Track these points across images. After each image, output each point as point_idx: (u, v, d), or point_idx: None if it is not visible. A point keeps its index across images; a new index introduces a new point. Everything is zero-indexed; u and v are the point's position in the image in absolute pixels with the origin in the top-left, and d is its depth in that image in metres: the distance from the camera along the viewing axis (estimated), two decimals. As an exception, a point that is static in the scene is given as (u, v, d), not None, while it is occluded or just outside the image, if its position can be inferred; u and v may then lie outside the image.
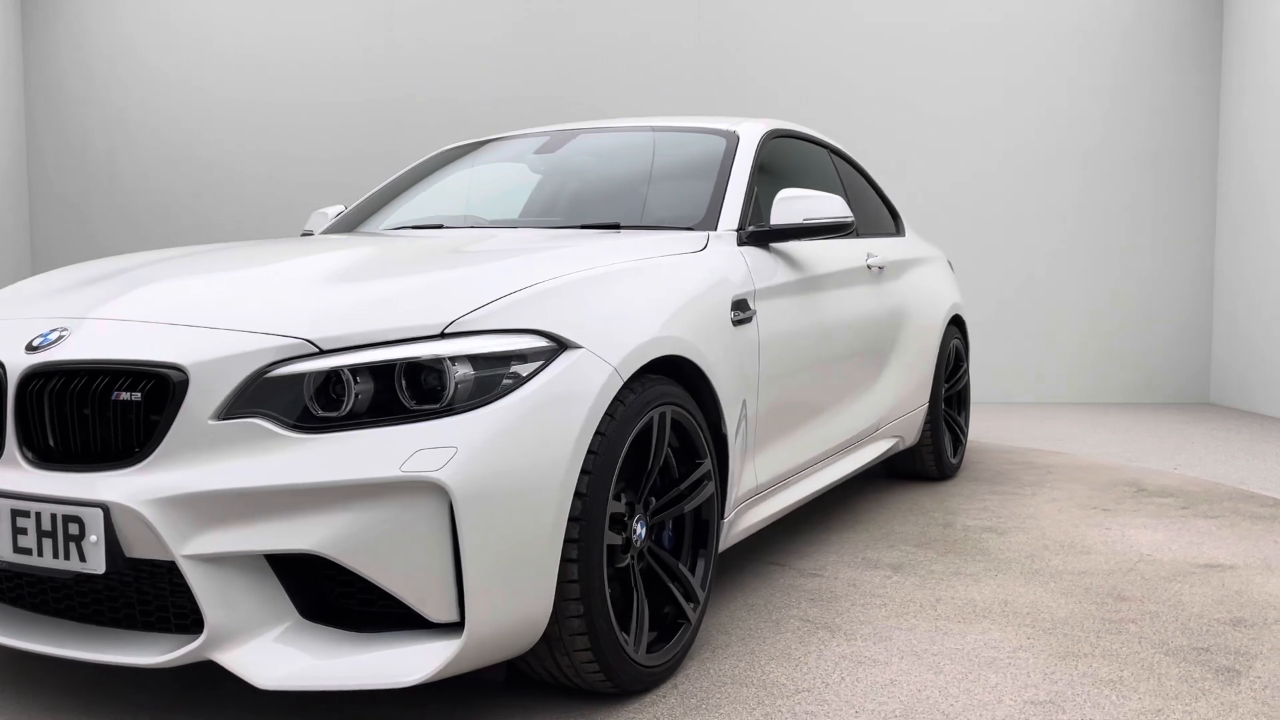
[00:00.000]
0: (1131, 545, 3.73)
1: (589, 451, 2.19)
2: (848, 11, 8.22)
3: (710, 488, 2.66)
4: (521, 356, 2.13)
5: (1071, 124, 8.16)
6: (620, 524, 2.38)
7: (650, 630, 2.51)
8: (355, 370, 2.03)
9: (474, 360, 2.08)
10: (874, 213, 4.70)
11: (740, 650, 2.69)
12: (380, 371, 2.04)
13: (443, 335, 2.09)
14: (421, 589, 1.99)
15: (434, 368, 2.05)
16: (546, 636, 2.20)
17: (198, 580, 1.97)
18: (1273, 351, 7.38)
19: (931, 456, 4.79)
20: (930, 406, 4.69)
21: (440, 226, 3.49)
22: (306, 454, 1.98)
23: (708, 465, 2.64)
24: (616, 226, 3.20)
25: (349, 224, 3.80)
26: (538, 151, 3.88)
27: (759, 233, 3.25)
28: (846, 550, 3.66)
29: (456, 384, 2.05)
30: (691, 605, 2.59)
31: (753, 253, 3.17)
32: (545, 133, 4.00)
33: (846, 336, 3.72)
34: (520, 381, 2.11)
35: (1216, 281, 8.24)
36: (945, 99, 8.21)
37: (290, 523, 1.97)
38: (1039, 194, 8.21)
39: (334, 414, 2.02)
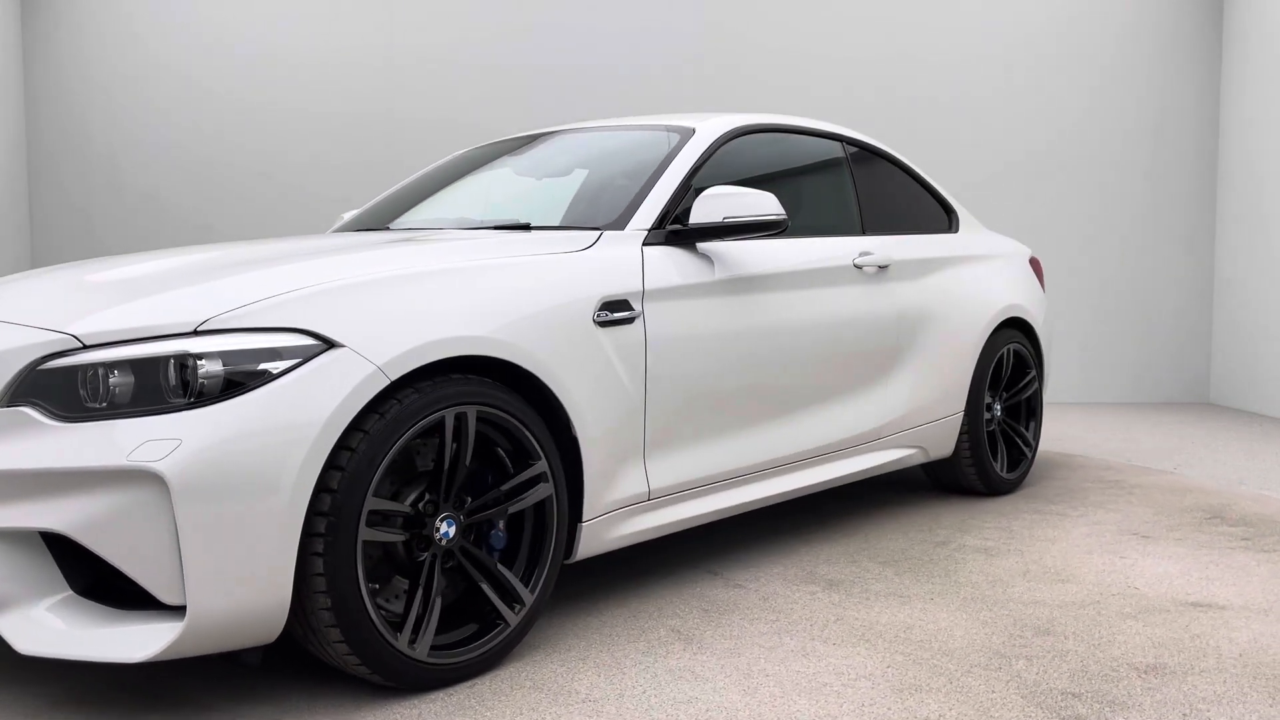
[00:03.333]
0: (1126, 577, 3.34)
1: (344, 448, 2.24)
2: (848, 10, 8.06)
3: (545, 490, 2.63)
4: (276, 354, 2.21)
5: (1070, 123, 8.08)
6: (418, 521, 2.42)
7: (472, 626, 2.54)
8: (112, 364, 2.18)
9: (225, 356, 2.18)
10: (907, 209, 4.43)
11: (575, 656, 2.65)
12: (137, 366, 2.18)
13: (195, 333, 2.20)
14: (152, 572, 2.11)
15: (184, 363, 2.17)
16: (309, 627, 2.27)
17: (-26, 552, 2.17)
18: (1273, 351, 7.36)
19: (973, 470, 4.46)
20: (968, 416, 4.37)
21: (387, 228, 3.63)
22: (63, 441, 2.14)
23: (541, 467, 2.62)
24: (527, 227, 3.21)
25: (348, 227, 4.00)
26: (512, 154, 3.94)
27: (681, 232, 3.17)
28: (799, 562, 3.49)
29: (202, 379, 2.16)
30: (516, 607, 2.58)
31: (662, 252, 3.09)
32: (531, 135, 4.06)
33: (811, 339, 3.54)
34: (270, 378, 2.19)
35: (1216, 281, 8.03)
36: (941, 99, 8.05)
37: (46, 503, 2.13)
38: (1038, 193, 8.04)
39: (96, 405, 2.18)
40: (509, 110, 7.72)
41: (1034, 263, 5.16)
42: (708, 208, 3.14)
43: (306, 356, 2.23)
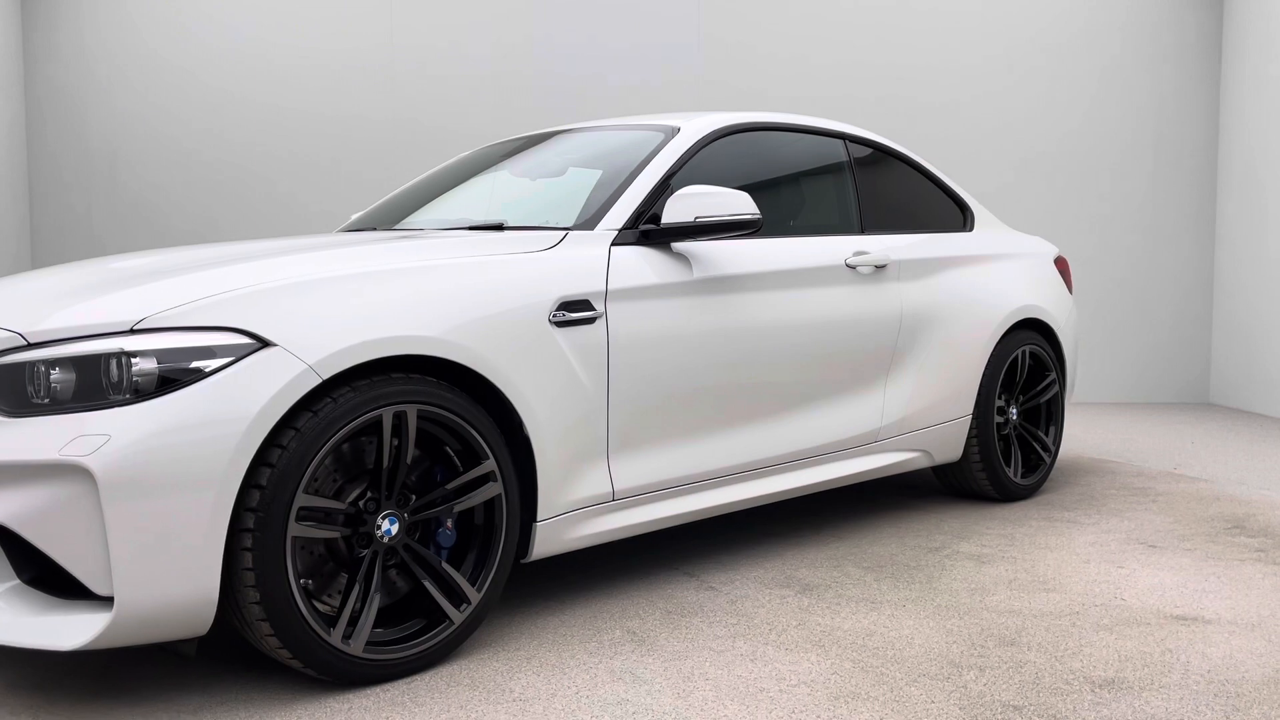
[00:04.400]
0: (1116, 588, 3.23)
1: (276, 445, 2.28)
2: (849, 16, 8.06)
3: (494, 489, 2.64)
4: (210, 352, 2.26)
5: (1070, 125, 8.09)
6: (360, 519, 2.46)
7: (418, 622, 2.57)
8: (54, 361, 2.25)
9: (159, 354, 2.23)
10: (916, 207, 4.35)
11: (522, 655, 2.65)
12: (77, 363, 2.24)
13: (131, 331, 2.26)
14: (85, 563, 2.17)
15: (119, 361, 2.23)
16: (243, 620, 2.31)
17: (-75, 541, 2.26)
18: (1273, 351, 7.39)
19: (984, 475, 4.34)
20: (977, 419, 4.27)
21: (375, 229, 3.68)
22: (8, 435, 2.21)
23: (489, 466, 2.63)
24: (500, 227, 3.23)
25: (349, 229, 4.07)
26: (510, 155, 3.97)
27: (654, 232, 3.15)
28: (781, 566, 3.45)
29: (135, 376, 2.21)
30: (463, 606, 2.60)
31: (634, 252, 3.09)
32: (530, 137, 4.08)
33: (794, 340, 3.49)
34: (202, 376, 2.24)
35: (1216, 281, 8.06)
36: (941, 97, 8.03)
37: (-10, 495, 2.21)
38: (1038, 194, 8.00)
39: (40, 401, 2.25)
40: (510, 113, 7.64)
41: (1060, 262, 5.01)
42: (680, 207, 3.12)
43: (239, 355, 2.27)
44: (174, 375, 2.23)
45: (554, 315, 2.81)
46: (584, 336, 2.88)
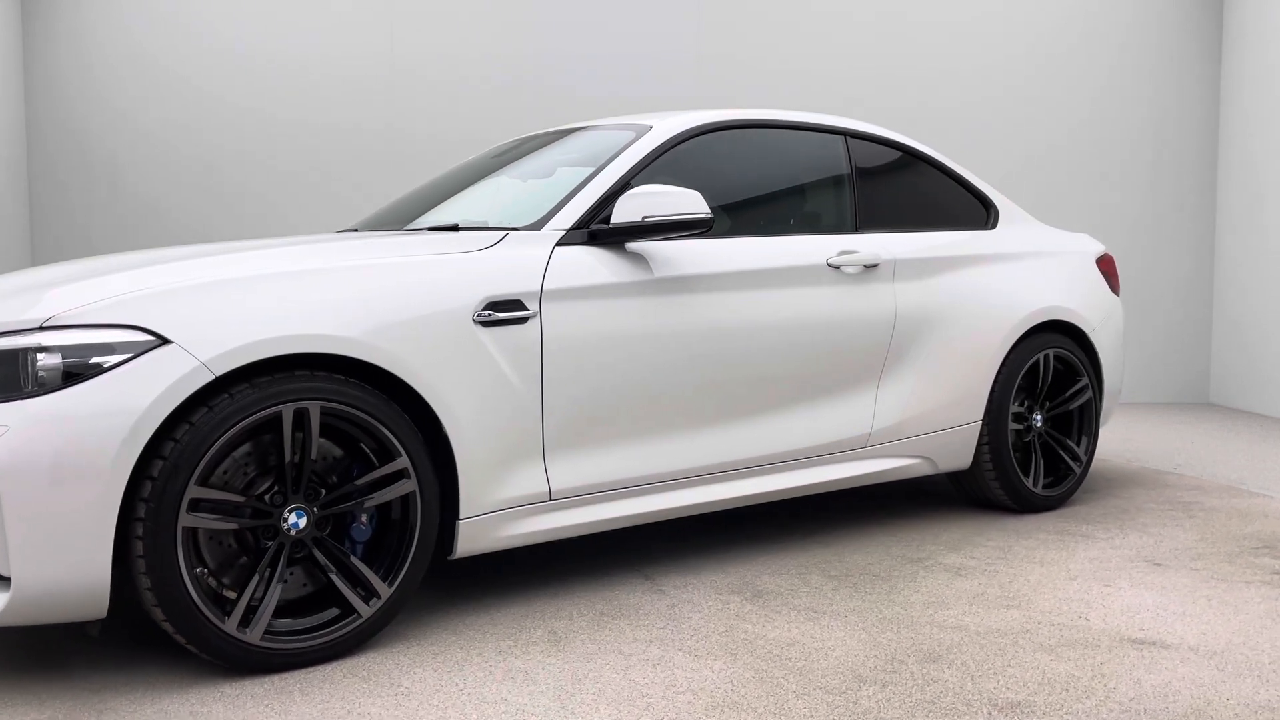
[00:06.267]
0: (1085, 608, 3.05)
1: (170, 439, 2.37)
2: (851, 18, 7.92)
3: (407, 486, 2.69)
4: (110, 349, 2.37)
5: (1071, 126, 8.02)
6: (264, 512, 2.54)
7: (332, 611, 2.64)
8: (-31, 358, 2.40)
9: (64, 350, 2.36)
10: (927, 205, 4.19)
11: (431, 651, 2.69)
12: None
13: (41, 328, 2.39)
14: (-10, 545, 2.32)
15: (25, 356, 2.36)
16: (143, 604, 2.42)
17: None
18: (1273, 351, 7.36)
19: (998, 484, 4.16)
20: (988, 425, 4.09)
21: (355, 230, 3.77)
22: (-62, 425, 2.38)
23: (402, 463, 2.68)
24: (455, 228, 3.28)
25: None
26: (505, 157, 4.01)
27: (602, 232, 3.15)
28: (743, 571, 3.38)
29: (39, 371, 2.35)
30: (373, 600, 2.65)
31: (583, 252, 3.09)
32: (525, 138, 4.12)
33: (762, 341, 3.41)
34: (100, 371, 2.35)
35: (1216, 281, 7.94)
36: (941, 96, 7.87)
37: (-81, 479, 2.38)
38: (1039, 196, 7.75)
39: (-38, 394, 2.41)
40: (509, 123, 7.42)
41: (1104, 262, 4.76)
42: (630, 207, 3.10)
43: (137, 352, 2.38)
44: (76, 370, 2.35)
45: (479, 315, 2.83)
46: (514, 336, 2.89)
